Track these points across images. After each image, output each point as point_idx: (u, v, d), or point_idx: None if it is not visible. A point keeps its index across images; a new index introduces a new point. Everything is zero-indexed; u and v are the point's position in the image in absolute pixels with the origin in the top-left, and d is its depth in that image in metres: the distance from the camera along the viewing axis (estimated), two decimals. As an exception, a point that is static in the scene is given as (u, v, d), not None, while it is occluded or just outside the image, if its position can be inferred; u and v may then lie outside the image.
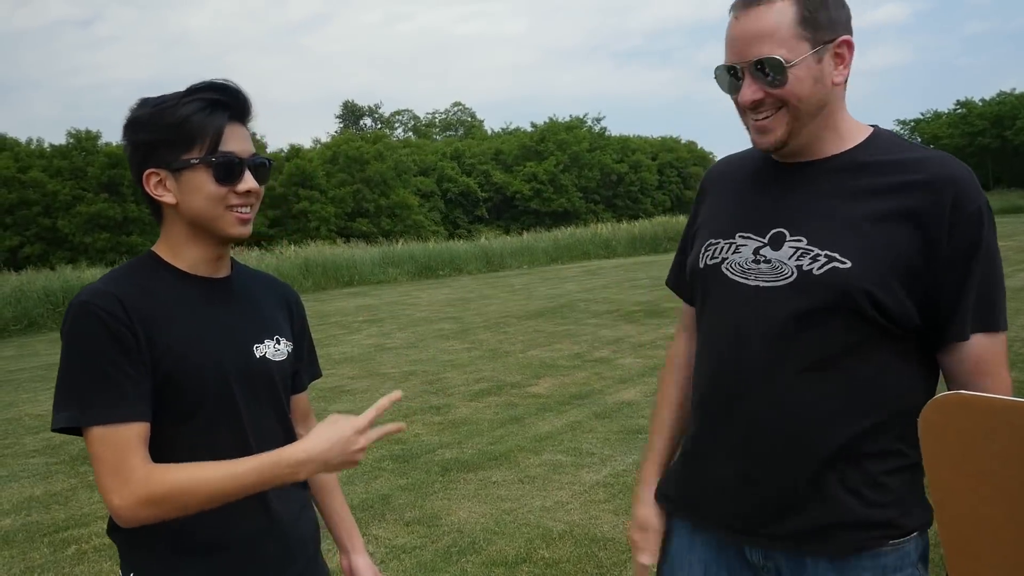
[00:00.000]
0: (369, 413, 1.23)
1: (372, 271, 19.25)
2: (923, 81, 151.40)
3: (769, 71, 1.20)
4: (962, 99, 65.61)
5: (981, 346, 1.21)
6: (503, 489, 4.31)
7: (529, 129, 49.43)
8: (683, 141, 55.74)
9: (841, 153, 1.27)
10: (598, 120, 51.08)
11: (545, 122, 47.20)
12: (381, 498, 4.28)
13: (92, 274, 15.79)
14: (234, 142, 1.24)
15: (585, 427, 5.40)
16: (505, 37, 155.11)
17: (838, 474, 1.24)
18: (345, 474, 4.69)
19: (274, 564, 1.32)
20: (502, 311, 11.80)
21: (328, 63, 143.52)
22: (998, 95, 63.27)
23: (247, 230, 1.28)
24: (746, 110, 1.25)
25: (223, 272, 1.35)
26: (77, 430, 1.17)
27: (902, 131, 71.40)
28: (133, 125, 1.25)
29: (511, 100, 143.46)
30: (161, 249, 1.30)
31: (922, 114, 72.12)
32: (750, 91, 1.22)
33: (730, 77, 1.24)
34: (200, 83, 1.26)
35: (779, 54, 1.18)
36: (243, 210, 1.26)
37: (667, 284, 1.57)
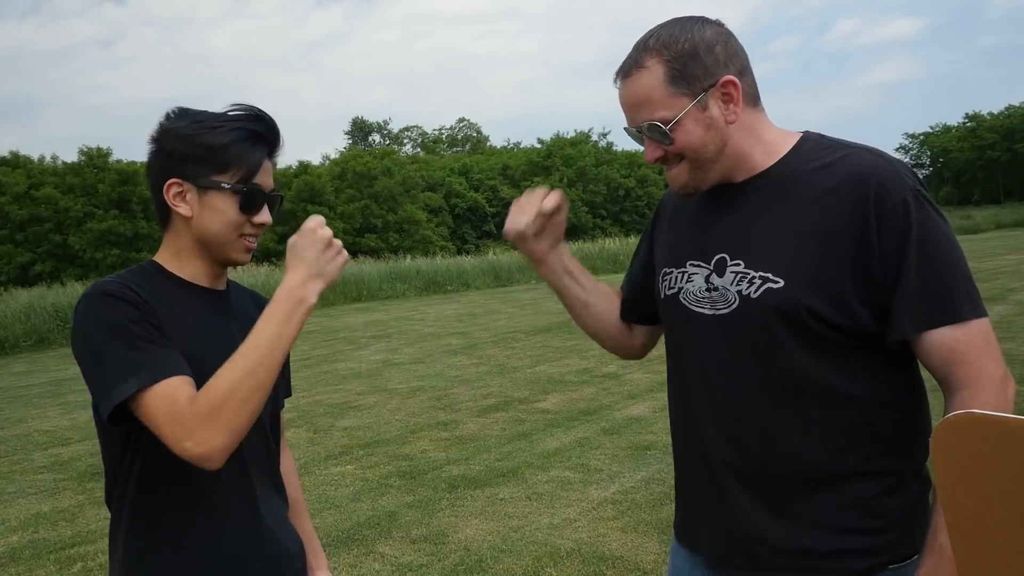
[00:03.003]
0: (316, 216, 1.25)
1: (380, 286, 19.28)
2: (934, 95, 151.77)
3: (655, 134, 1.23)
4: (971, 112, 65.55)
5: (950, 338, 1.14)
6: (511, 506, 4.28)
7: (536, 145, 49.58)
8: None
9: (768, 168, 1.27)
10: (604, 135, 51.16)
11: (551, 137, 47.36)
12: (388, 515, 4.26)
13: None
14: (263, 176, 1.29)
15: (593, 443, 5.36)
16: (519, 54, 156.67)
17: (822, 498, 1.21)
18: (352, 491, 4.68)
19: None
20: (510, 326, 11.79)
21: (343, 81, 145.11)
22: (1007, 108, 63.20)
23: (248, 258, 1.33)
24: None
25: (222, 285, 1.38)
26: (121, 416, 1.14)
27: (911, 145, 71.38)
28: (169, 134, 1.26)
29: (522, 116, 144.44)
30: (164, 258, 1.32)
31: (931, 127, 72.11)
32: (650, 151, 1.27)
33: (637, 136, 1.28)
34: (243, 109, 1.29)
35: (658, 117, 1.22)
36: (251, 239, 1.31)
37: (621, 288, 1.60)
